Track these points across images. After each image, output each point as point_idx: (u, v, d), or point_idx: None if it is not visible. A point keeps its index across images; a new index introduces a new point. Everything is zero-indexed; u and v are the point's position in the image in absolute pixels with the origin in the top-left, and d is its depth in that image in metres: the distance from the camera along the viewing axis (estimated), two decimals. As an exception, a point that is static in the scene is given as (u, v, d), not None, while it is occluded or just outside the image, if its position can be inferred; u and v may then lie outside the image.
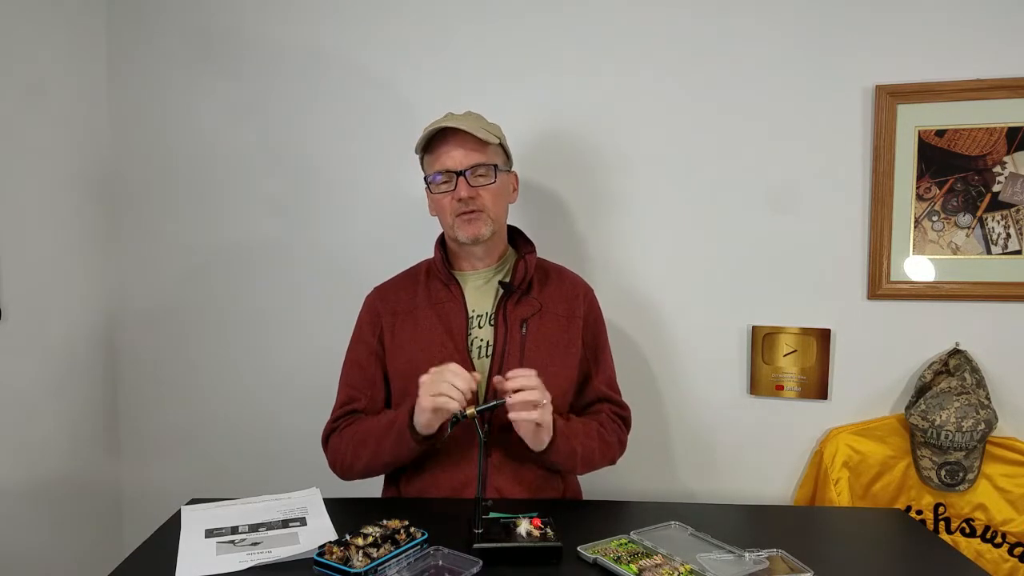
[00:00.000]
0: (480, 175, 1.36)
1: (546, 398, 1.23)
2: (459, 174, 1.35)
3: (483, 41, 1.80)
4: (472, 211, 1.35)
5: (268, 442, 1.94)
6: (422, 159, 1.44)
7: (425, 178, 1.41)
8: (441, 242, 1.47)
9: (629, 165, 1.78)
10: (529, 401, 1.21)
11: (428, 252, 1.49)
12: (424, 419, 1.24)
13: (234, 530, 1.18)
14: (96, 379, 1.93)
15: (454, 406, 1.19)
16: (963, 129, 1.63)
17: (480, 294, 1.43)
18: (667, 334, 1.79)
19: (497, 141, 1.39)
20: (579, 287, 1.49)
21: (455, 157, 1.35)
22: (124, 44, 1.93)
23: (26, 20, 1.69)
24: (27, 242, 1.69)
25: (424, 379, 1.24)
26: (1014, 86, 1.60)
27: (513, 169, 1.48)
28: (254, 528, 1.19)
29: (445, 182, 1.36)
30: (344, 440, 1.37)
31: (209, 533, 1.17)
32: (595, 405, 1.47)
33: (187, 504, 1.30)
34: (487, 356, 1.38)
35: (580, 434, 1.34)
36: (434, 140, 1.37)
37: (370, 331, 1.44)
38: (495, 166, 1.38)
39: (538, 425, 1.24)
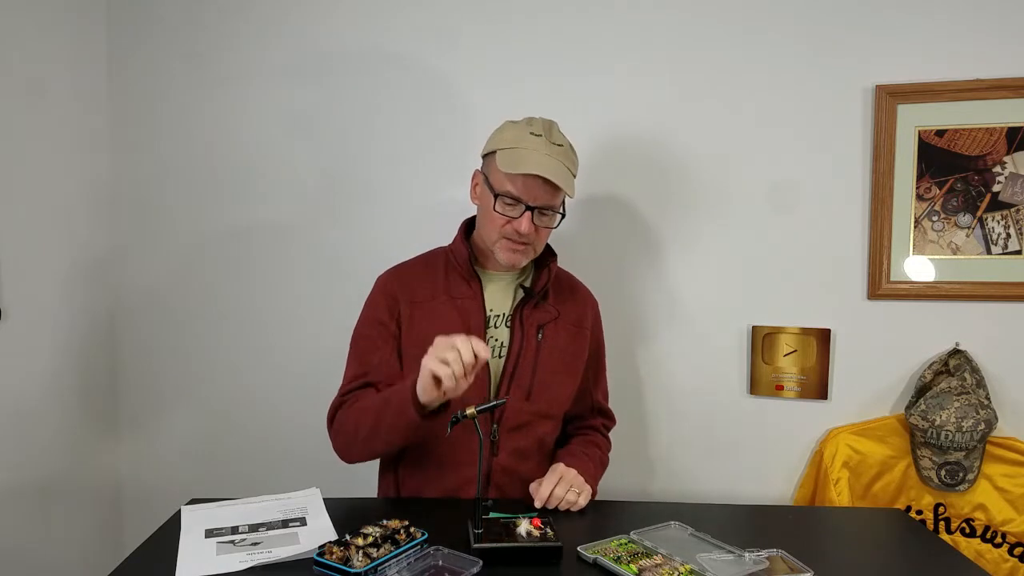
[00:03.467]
0: (545, 215, 1.34)
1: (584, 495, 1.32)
2: (528, 207, 1.30)
3: (483, 39, 1.80)
4: (523, 244, 1.34)
5: (268, 442, 1.94)
6: (493, 154, 1.34)
7: (487, 179, 1.35)
8: (466, 230, 1.43)
9: (627, 165, 1.78)
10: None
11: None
12: (423, 384, 1.15)
13: (234, 530, 1.18)
14: (96, 379, 1.93)
15: (448, 374, 1.11)
16: (963, 129, 1.63)
17: (500, 295, 1.42)
18: (667, 334, 1.79)
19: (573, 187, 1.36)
20: (589, 300, 1.52)
21: (533, 192, 1.30)
22: (124, 44, 1.93)
23: (26, 20, 1.68)
24: (27, 242, 1.69)
25: (437, 340, 1.16)
26: (1014, 86, 1.60)
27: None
28: (254, 528, 1.18)
29: (510, 205, 1.31)
30: (349, 414, 1.32)
31: (209, 533, 1.17)
32: (590, 418, 1.53)
33: (187, 504, 1.30)
34: (500, 357, 1.38)
35: (591, 471, 1.41)
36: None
37: (387, 313, 1.39)
38: (561, 209, 1.37)
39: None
